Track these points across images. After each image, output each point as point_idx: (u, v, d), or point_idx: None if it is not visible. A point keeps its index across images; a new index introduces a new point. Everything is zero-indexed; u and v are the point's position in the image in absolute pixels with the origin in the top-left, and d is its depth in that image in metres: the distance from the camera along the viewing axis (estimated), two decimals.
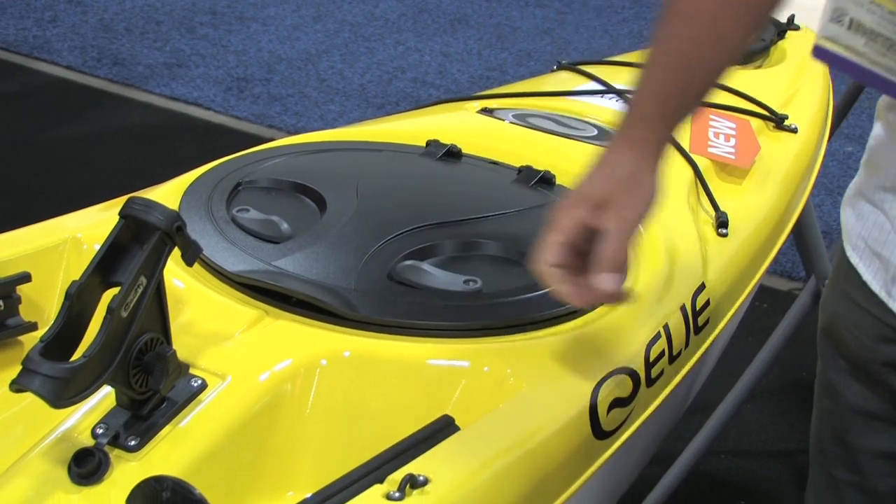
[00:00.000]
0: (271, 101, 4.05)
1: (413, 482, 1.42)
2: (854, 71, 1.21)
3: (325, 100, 4.04)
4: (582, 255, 1.44)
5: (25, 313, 1.76)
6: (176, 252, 1.59)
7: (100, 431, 1.58)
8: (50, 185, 1.97)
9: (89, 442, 1.57)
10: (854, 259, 1.31)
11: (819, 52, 1.24)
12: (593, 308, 1.64)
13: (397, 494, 1.41)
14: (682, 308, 1.85)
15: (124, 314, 1.51)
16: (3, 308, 1.73)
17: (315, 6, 4.71)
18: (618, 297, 1.46)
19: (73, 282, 1.54)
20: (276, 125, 3.88)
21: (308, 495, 1.47)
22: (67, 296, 1.52)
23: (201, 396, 1.63)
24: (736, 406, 2.76)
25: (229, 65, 4.24)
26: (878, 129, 1.33)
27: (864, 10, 1.15)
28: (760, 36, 1.34)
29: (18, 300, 1.75)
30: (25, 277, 1.75)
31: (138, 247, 1.56)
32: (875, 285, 1.27)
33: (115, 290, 1.54)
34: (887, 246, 1.25)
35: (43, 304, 1.77)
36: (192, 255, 1.62)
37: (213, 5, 4.58)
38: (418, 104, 2.35)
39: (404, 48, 4.45)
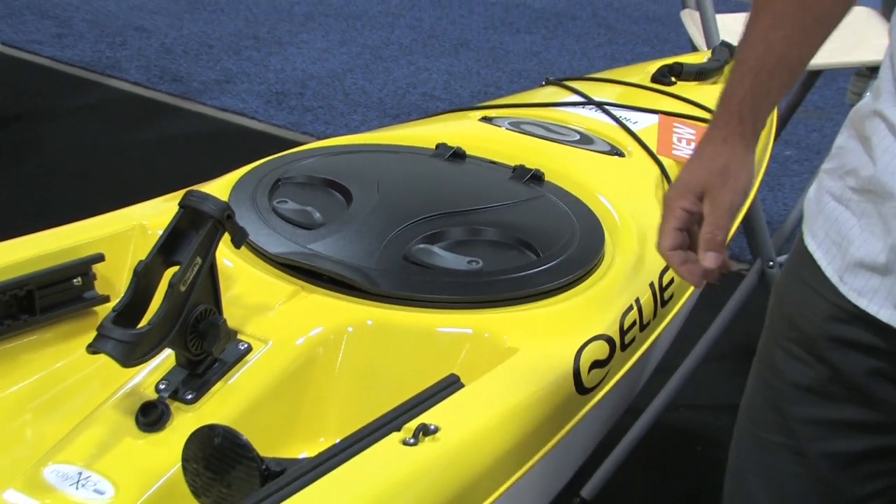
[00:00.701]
0: (304, 112, 4.05)
1: (425, 430, 1.41)
2: None
3: (349, 111, 4.04)
4: (693, 237, 1.41)
5: (99, 288, 1.75)
6: (226, 236, 1.58)
7: (162, 387, 1.57)
8: (119, 181, 1.97)
9: (153, 396, 1.57)
10: (812, 247, 1.28)
11: None
12: (706, 284, 1.50)
13: (412, 441, 1.40)
14: (651, 285, 1.84)
15: (183, 289, 1.51)
16: (80, 283, 1.72)
17: (340, 32, 4.72)
18: (719, 271, 1.38)
19: (140, 261, 1.54)
20: (309, 132, 3.88)
21: (336, 441, 1.45)
22: (135, 273, 1.52)
23: (247, 358, 1.62)
24: (693, 368, 2.78)
25: (269, 81, 4.25)
26: (848, 140, 1.29)
27: None
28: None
29: (94, 277, 1.74)
30: (100, 258, 1.74)
31: (195, 232, 1.56)
32: (829, 271, 1.25)
33: (174, 269, 1.54)
34: (847, 238, 1.23)
35: (114, 281, 1.75)
36: (240, 239, 1.62)
37: (256, 32, 4.58)
38: (428, 114, 2.34)
39: (415, 68, 4.45)
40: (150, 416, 1.54)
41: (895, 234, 1.17)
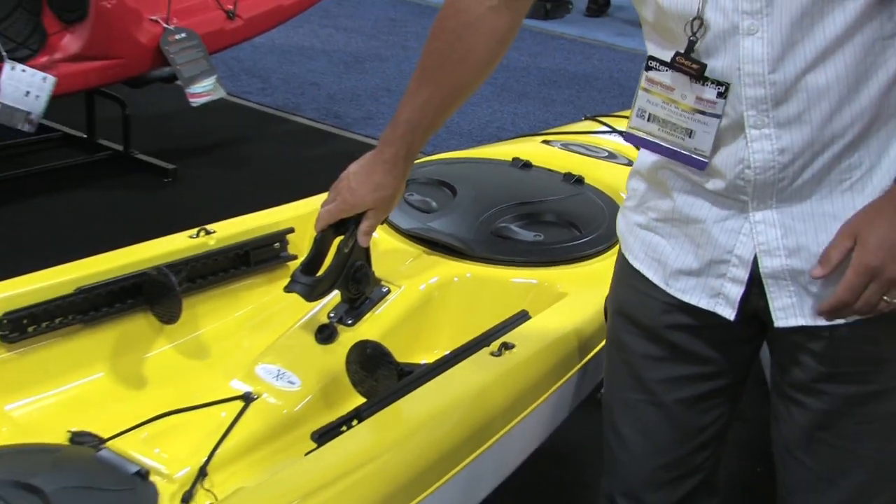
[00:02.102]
0: None
1: (506, 346, 1.41)
2: (652, 147, 1.10)
3: (448, 137, 4.01)
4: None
5: (291, 250, 1.76)
6: None
7: (332, 315, 1.59)
8: (300, 184, 1.99)
9: (326, 321, 1.59)
10: (636, 265, 1.20)
11: (629, 137, 1.12)
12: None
13: (497, 353, 1.40)
14: None
15: (346, 251, 1.51)
16: (279, 247, 1.74)
17: None
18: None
19: (318, 233, 1.55)
20: (422, 151, 3.86)
21: (446, 353, 1.46)
22: (315, 241, 1.52)
23: (387, 297, 1.64)
24: None
25: None
26: (639, 185, 1.21)
27: (659, 108, 1.08)
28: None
29: (287, 242, 1.75)
30: (291, 230, 1.76)
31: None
32: (656, 280, 1.18)
33: (340, 238, 1.54)
34: (664, 255, 1.17)
35: (300, 246, 1.76)
36: (385, 219, 1.62)
37: (388, 86, 4.57)
38: (502, 140, 2.33)
39: (492, 110, 4.40)
40: (324, 334, 1.57)
41: (702, 248, 1.13)
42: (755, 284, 1.10)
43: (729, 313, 1.13)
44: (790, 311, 1.09)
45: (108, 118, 3.39)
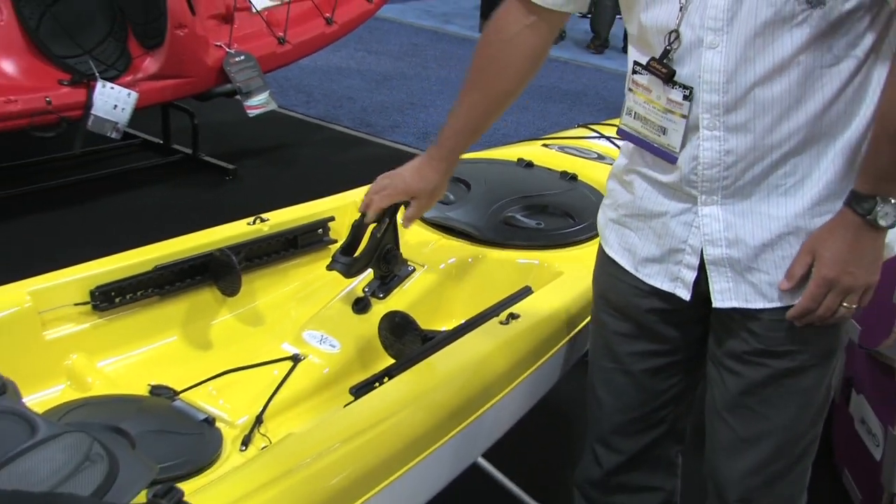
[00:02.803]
0: None
1: (512, 316, 1.39)
2: (635, 141, 1.09)
3: None
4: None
5: (332, 235, 1.74)
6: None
7: (366, 290, 1.57)
8: (337, 181, 1.97)
9: (361, 294, 1.57)
10: (611, 254, 1.20)
11: (620, 132, 1.11)
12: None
13: (505, 322, 1.38)
14: None
15: (378, 236, 1.48)
16: (321, 232, 1.71)
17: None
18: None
19: (354, 220, 1.52)
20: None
21: (462, 321, 1.44)
22: (352, 227, 1.49)
23: (413, 275, 1.62)
24: None
25: (419, 127, 4.20)
26: (613, 185, 1.20)
27: (641, 107, 1.07)
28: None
29: (328, 229, 1.73)
30: (332, 219, 1.73)
31: None
32: (628, 266, 1.16)
33: (373, 225, 1.52)
34: (633, 245, 1.15)
35: (340, 231, 1.74)
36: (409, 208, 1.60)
37: (412, 100, 4.54)
38: (507, 144, 2.29)
39: (497, 122, 4.35)
40: (360, 305, 1.55)
41: (661, 241, 1.12)
42: (703, 270, 1.09)
43: (685, 294, 1.11)
44: (727, 294, 1.08)
45: (180, 127, 3.38)
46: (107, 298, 1.40)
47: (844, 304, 1.02)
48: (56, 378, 1.34)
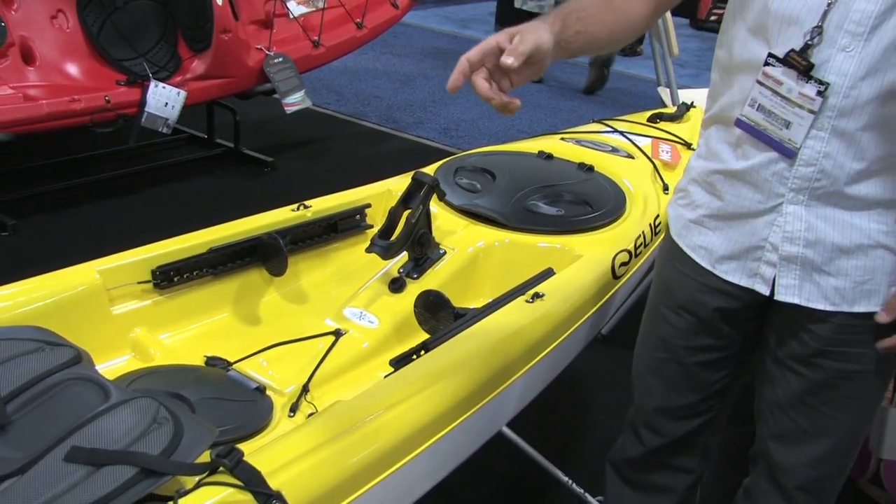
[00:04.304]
0: (458, 138, 3.97)
1: (537, 295, 1.38)
2: (754, 133, 1.00)
3: (480, 137, 3.95)
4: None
5: (368, 221, 1.73)
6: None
7: (401, 271, 1.57)
8: (366, 172, 1.95)
9: (396, 275, 1.56)
10: (686, 250, 1.13)
11: (738, 123, 1.01)
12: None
13: (530, 301, 1.37)
14: (650, 224, 1.76)
15: (413, 221, 1.49)
16: (359, 218, 1.71)
17: (476, 100, 4.60)
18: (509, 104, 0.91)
19: (391, 207, 1.52)
20: (460, 147, 3.80)
21: (489, 300, 1.43)
22: (389, 214, 1.50)
23: (444, 257, 1.60)
24: None
25: (440, 123, 4.16)
26: (691, 186, 1.12)
27: (767, 100, 0.98)
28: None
29: (365, 215, 1.72)
30: (368, 205, 1.72)
31: (418, 192, 1.54)
32: (704, 263, 1.10)
33: (408, 211, 1.52)
34: (711, 244, 1.10)
35: (376, 218, 1.74)
36: (442, 196, 1.59)
37: (434, 98, 4.50)
38: (524, 139, 2.26)
39: (513, 117, 4.30)
40: (396, 285, 1.54)
41: (741, 239, 1.06)
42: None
43: (764, 290, 1.06)
44: (791, 289, 1.04)
45: (223, 122, 3.38)
46: (166, 277, 1.40)
47: None
48: (122, 349, 1.34)
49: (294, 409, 1.27)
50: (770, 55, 0.97)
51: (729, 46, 1.03)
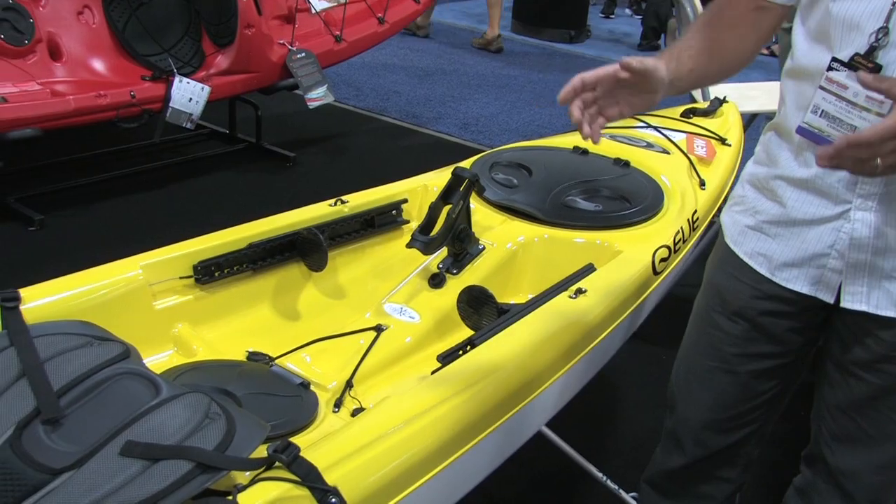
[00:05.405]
0: (479, 133, 3.95)
1: (579, 291, 1.37)
2: (818, 140, 0.96)
3: (500, 132, 3.93)
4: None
5: (405, 216, 1.72)
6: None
7: (441, 266, 1.56)
8: (386, 167, 1.93)
9: (436, 270, 1.55)
10: (742, 256, 1.10)
11: (800, 131, 0.98)
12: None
13: (573, 296, 1.36)
14: (688, 220, 1.74)
15: (453, 216, 1.48)
16: (396, 213, 1.70)
17: (494, 94, 4.59)
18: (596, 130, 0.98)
19: (431, 202, 1.50)
20: (481, 143, 3.78)
21: (530, 295, 1.41)
22: (429, 209, 1.49)
23: (483, 253, 1.59)
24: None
25: (460, 118, 4.14)
26: (749, 192, 1.10)
27: (831, 105, 0.95)
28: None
29: (402, 210, 1.71)
30: (405, 201, 1.72)
31: (458, 187, 1.53)
32: (762, 271, 1.08)
33: (448, 207, 1.51)
34: (770, 251, 1.08)
35: (413, 213, 1.73)
36: (480, 191, 1.59)
37: (453, 94, 4.49)
38: (541, 136, 2.22)
39: (533, 114, 4.28)
40: (436, 280, 1.54)
41: (804, 246, 1.04)
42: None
43: (829, 298, 1.04)
44: (858, 297, 1.02)
45: (245, 118, 3.38)
46: (207, 272, 1.39)
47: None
48: (164, 344, 1.34)
49: (338, 404, 1.27)
50: (834, 59, 0.95)
51: (791, 54, 1.02)
